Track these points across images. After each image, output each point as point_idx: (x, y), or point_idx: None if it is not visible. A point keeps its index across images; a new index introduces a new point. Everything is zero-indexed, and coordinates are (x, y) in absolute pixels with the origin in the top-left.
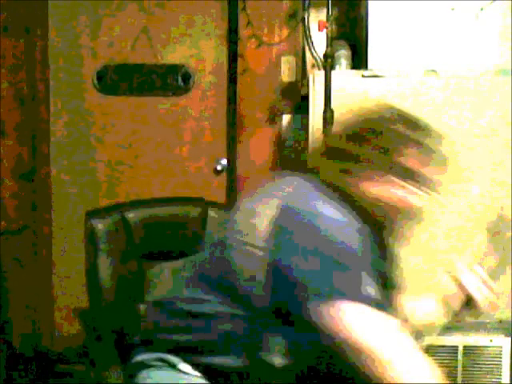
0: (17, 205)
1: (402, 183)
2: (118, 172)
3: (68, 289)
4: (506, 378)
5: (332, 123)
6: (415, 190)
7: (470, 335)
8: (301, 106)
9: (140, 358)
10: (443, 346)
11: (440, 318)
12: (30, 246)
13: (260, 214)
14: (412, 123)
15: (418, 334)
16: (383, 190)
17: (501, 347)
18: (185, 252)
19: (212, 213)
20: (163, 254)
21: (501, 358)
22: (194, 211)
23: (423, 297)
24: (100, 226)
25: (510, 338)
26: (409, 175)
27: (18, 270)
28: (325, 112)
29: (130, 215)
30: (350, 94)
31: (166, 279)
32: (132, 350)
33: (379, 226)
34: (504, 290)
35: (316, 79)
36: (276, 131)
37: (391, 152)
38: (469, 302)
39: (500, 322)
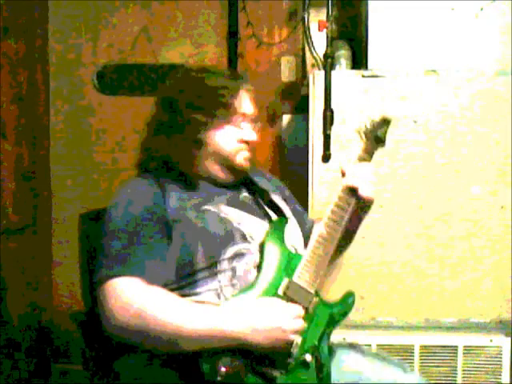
0: (17, 205)
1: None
2: (118, 172)
3: (68, 289)
4: (506, 378)
5: (332, 123)
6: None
7: (469, 335)
8: (301, 106)
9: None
10: (443, 346)
11: None
12: (30, 245)
13: None
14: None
15: None
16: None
17: (501, 347)
18: None
19: None
20: None
21: (501, 358)
22: None
23: None
24: (93, 228)
25: (510, 338)
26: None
27: (18, 270)
28: (325, 112)
29: None
30: (350, 93)
31: None
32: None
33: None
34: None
35: (316, 79)
36: (276, 131)
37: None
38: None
39: (500, 322)
